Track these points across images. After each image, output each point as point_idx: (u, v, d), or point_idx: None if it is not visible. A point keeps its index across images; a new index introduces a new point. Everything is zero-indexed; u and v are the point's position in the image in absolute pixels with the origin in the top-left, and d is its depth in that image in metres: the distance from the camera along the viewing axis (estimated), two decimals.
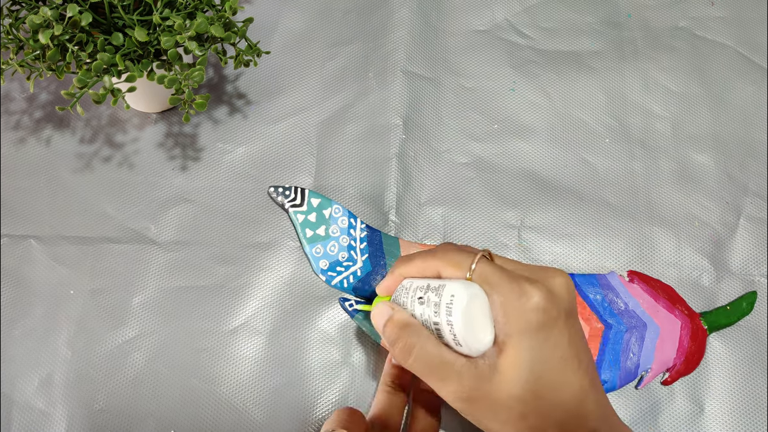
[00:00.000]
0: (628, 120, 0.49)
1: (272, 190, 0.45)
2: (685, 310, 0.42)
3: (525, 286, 0.29)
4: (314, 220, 0.44)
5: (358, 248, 0.43)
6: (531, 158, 0.47)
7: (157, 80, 0.38)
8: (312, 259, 0.43)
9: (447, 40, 0.51)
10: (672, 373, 0.41)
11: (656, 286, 0.43)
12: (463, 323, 0.29)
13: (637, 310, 0.42)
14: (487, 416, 0.30)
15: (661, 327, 0.41)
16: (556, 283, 0.30)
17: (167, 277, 0.43)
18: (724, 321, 0.42)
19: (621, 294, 0.42)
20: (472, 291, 0.29)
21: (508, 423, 0.30)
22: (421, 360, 0.31)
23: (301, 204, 0.44)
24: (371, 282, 0.43)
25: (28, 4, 0.38)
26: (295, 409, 0.41)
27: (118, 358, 0.41)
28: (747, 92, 0.50)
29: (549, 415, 0.30)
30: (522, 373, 0.29)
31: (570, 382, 0.30)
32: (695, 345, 0.41)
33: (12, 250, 0.44)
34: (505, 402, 0.29)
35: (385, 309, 0.33)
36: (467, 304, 0.29)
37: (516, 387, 0.29)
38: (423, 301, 0.31)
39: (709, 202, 0.46)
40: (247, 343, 0.42)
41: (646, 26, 0.52)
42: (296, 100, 0.49)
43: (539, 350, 0.29)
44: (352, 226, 0.44)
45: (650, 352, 0.41)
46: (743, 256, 0.45)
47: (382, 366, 0.41)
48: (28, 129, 0.47)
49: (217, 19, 0.38)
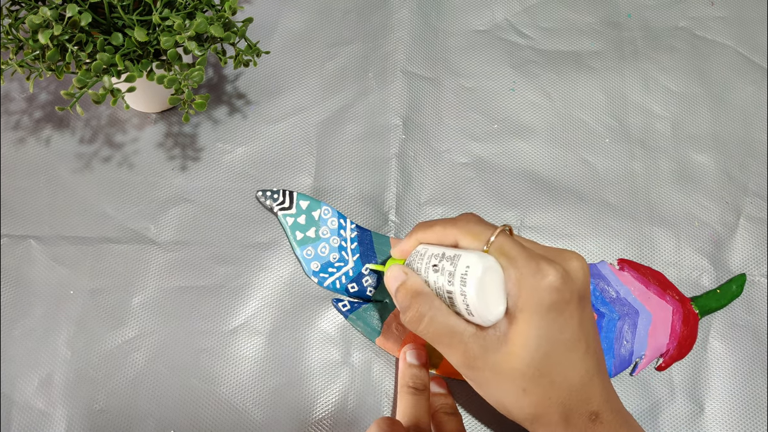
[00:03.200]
0: (628, 120, 0.49)
1: (260, 194, 0.45)
2: (676, 296, 0.42)
3: (542, 264, 0.29)
4: (303, 222, 0.44)
5: (349, 248, 0.43)
6: (531, 158, 0.47)
7: (156, 80, 0.38)
8: (303, 262, 0.43)
9: (447, 40, 0.51)
10: (666, 359, 0.41)
11: (647, 273, 0.43)
12: (476, 294, 0.29)
13: (629, 298, 0.42)
14: (491, 385, 0.31)
15: (653, 313, 0.41)
16: (572, 266, 0.30)
17: (167, 277, 0.43)
18: (714, 304, 0.42)
19: (612, 282, 0.42)
20: (487, 263, 0.29)
21: (510, 395, 0.30)
22: (430, 328, 0.31)
23: (290, 207, 0.44)
24: (363, 282, 0.43)
25: (28, 4, 0.38)
26: (294, 409, 0.41)
27: (117, 359, 0.41)
28: (747, 92, 0.50)
29: (551, 393, 0.30)
30: (529, 349, 0.29)
31: (575, 364, 0.30)
32: (687, 330, 0.41)
33: (12, 250, 0.44)
34: (509, 374, 0.30)
35: (399, 273, 0.33)
36: (482, 276, 0.29)
37: (521, 362, 0.29)
38: (437, 269, 0.31)
39: (708, 202, 0.46)
40: (247, 343, 0.42)
41: (646, 26, 0.52)
42: (296, 100, 0.49)
43: (548, 329, 0.29)
44: (342, 227, 0.44)
45: (643, 338, 0.41)
46: (743, 256, 0.45)
47: (382, 366, 0.41)
48: (27, 129, 0.47)
49: (216, 19, 0.38)
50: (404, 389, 0.38)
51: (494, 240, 0.30)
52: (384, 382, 0.41)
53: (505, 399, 0.31)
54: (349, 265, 0.43)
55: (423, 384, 0.38)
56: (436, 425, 0.38)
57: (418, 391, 0.38)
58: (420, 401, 0.37)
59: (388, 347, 0.41)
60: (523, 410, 0.31)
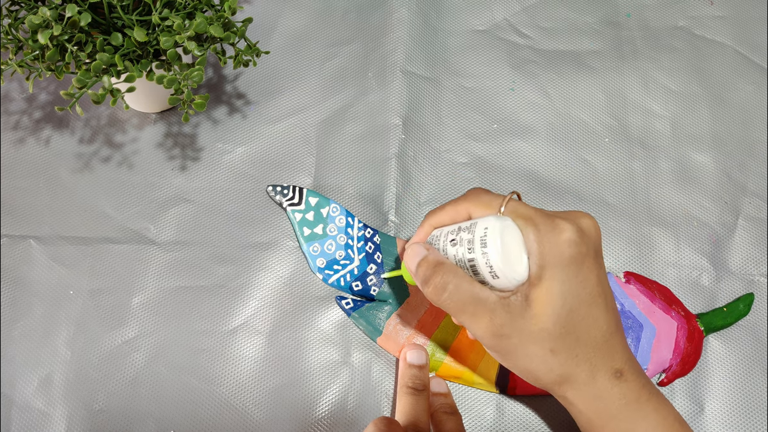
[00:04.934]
0: (627, 119, 0.49)
1: (270, 189, 0.45)
2: (681, 311, 0.42)
3: (557, 221, 0.30)
4: (312, 218, 0.44)
5: (355, 247, 0.43)
6: (530, 158, 0.47)
7: (156, 80, 0.38)
8: (309, 258, 0.43)
9: (446, 39, 0.51)
10: (668, 374, 0.41)
11: (652, 287, 0.43)
12: (499, 253, 0.29)
13: (634, 311, 0.42)
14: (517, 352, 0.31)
15: (658, 328, 0.41)
16: (585, 223, 0.31)
17: (167, 277, 0.43)
18: (720, 322, 0.42)
19: (617, 295, 0.42)
20: (505, 222, 0.30)
21: (537, 358, 0.30)
22: (454, 297, 0.31)
23: (299, 203, 0.45)
24: (368, 281, 0.43)
25: (28, 4, 0.38)
26: (294, 409, 0.41)
27: (117, 359, 0.41)
28: (746, 92, 0.50)
29: (578, 350, 0.30)
30: (555, 306, 0.29)
31: (598, 320, 0.30)
32: (692, 346, 0.41)
33: (11, 250, 0.44)
34: (537, 336, 0.30)
35: (420, 249, 0.33)
36: (502, 234, 0.29)
37: (548, 320, 0.29)
38: (455, 242, 0.31)
39: (708, 202, 0.46)
40: (247, 343, 0.42)
41: (646, 26, 0.52)
42: (295, 100, 0.49)
43: (571, 283, 0.29)
44: (350, 225, 0.44)
45: (646, 353, 0.41)
46: (742, 256, 0.45)
47: (382, 366, 0.41)
48: (27, 129, 0.47)
49: (216, 19, 0.38)
50: (403, 389, 0.38)
51: (507, 204, 0.31)
52: (383, 383, 0.41)
53: (532, 364, 0.31)
54: (355, 263, 0.43)
55: (422, 384, 0.38)
56: (435, 425, 0.38)
57: (417, 391, 0.38)
58: (419, 401, 0.37)
59: (389, 347, 0.41)
60: (552, 372, 0.31)
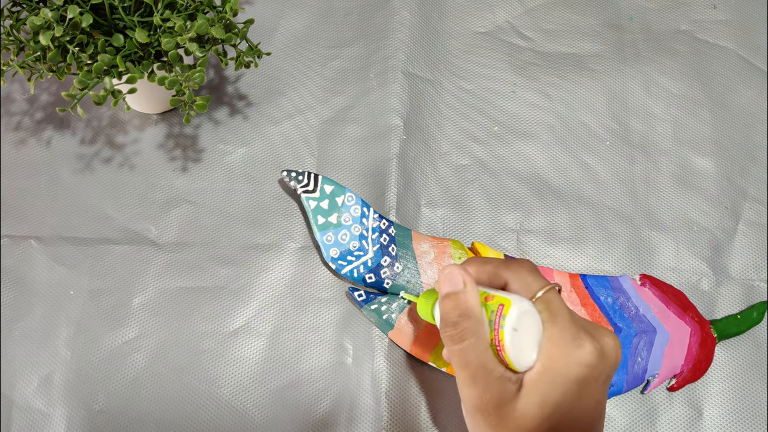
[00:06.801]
0: (628, 123, 0.49)
1: (285, 174, 0.44)
2: (695, 317, 0.42)
3: (581, 333, 0.29)
4: (326, 207, 0.43)
5: (370, 238, 0.43)
6: (531, 161, 0.47)
7: (157, 81, 0.38)
8: (323, 247, 0.43)
9: (448, 41, 0.51)
10: (679, 380, 0.41)
11: (668, 292, 0.42)
12: (513, 340, 0.29)
13: (648, 315, 0.41)
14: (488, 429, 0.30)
15: (671, 333, 0.41)
16: (608, 344, 0.30)
17: (167, 278, 0.43)
18: (734, 330, 0.42)
19: (632, 298, 0.42)
20: (529, 309, 0.30)
21: None
22: (465, 355, 0.30)
23: (314, 190, 0.44)
24: (381, 273, 0.42)
25: (29, 5, 0.38)
26: (295, 410, 0.41)
27: (117, 359, 0.41)
28: (748, 96, 0.50)
29: None
30: (544, 413, 0.29)
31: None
32: (704, 353, 0.41)
33: (12, 250, 0.44)
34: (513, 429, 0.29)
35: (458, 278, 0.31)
36: (519, 318, 0.29)
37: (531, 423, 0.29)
38: None
39: (708, 206, 0.46)
40: (248, 344, 0.42)
41: (648, 29, 0.52)
42: (297, 101, 0.49)
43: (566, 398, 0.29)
44: (365, 215, 0.43)
45: (659, 357, 0.40)
46: (743, 261, 0.45)
47: (382, 368, 0.41)
48: (28, 130, 0.47)
49: (217, 21, 0.38)
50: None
51: (543, 294, 0.30)
52: (383, 384, 0.41)
53: None
54: (369, 255, 0.42)
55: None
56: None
57: None
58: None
59: (400, 341, 0.41)
60: None
